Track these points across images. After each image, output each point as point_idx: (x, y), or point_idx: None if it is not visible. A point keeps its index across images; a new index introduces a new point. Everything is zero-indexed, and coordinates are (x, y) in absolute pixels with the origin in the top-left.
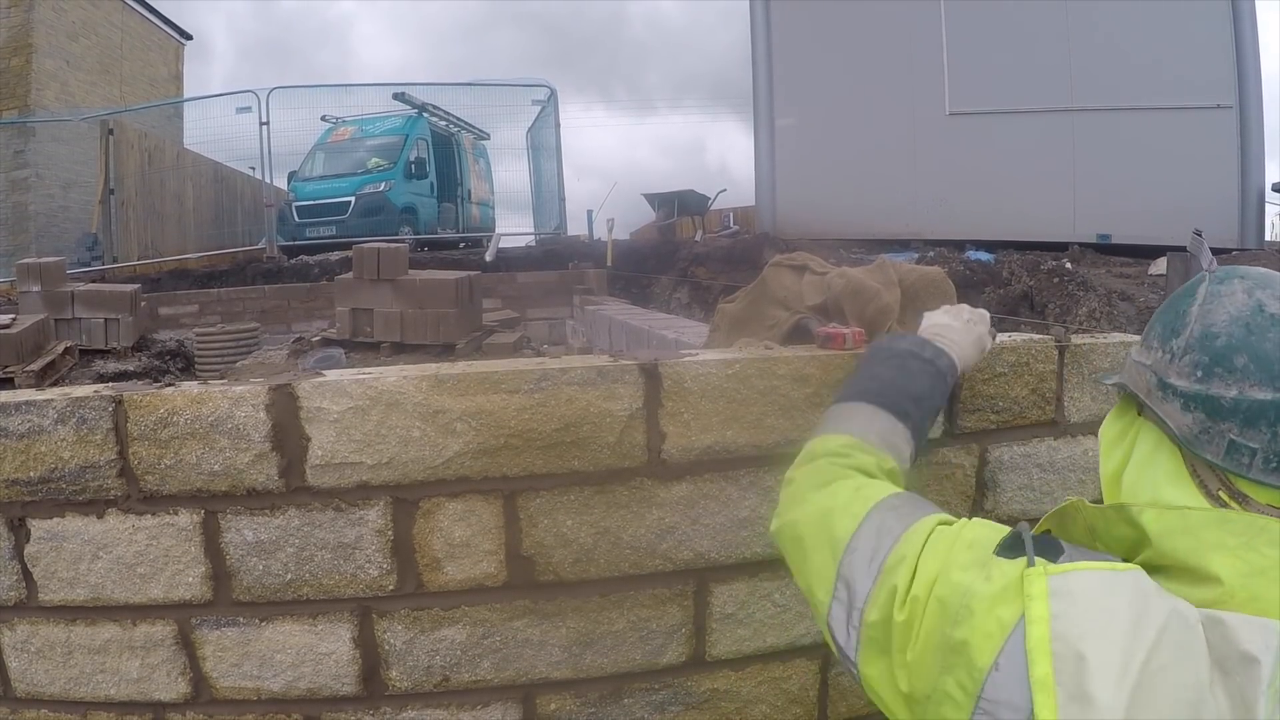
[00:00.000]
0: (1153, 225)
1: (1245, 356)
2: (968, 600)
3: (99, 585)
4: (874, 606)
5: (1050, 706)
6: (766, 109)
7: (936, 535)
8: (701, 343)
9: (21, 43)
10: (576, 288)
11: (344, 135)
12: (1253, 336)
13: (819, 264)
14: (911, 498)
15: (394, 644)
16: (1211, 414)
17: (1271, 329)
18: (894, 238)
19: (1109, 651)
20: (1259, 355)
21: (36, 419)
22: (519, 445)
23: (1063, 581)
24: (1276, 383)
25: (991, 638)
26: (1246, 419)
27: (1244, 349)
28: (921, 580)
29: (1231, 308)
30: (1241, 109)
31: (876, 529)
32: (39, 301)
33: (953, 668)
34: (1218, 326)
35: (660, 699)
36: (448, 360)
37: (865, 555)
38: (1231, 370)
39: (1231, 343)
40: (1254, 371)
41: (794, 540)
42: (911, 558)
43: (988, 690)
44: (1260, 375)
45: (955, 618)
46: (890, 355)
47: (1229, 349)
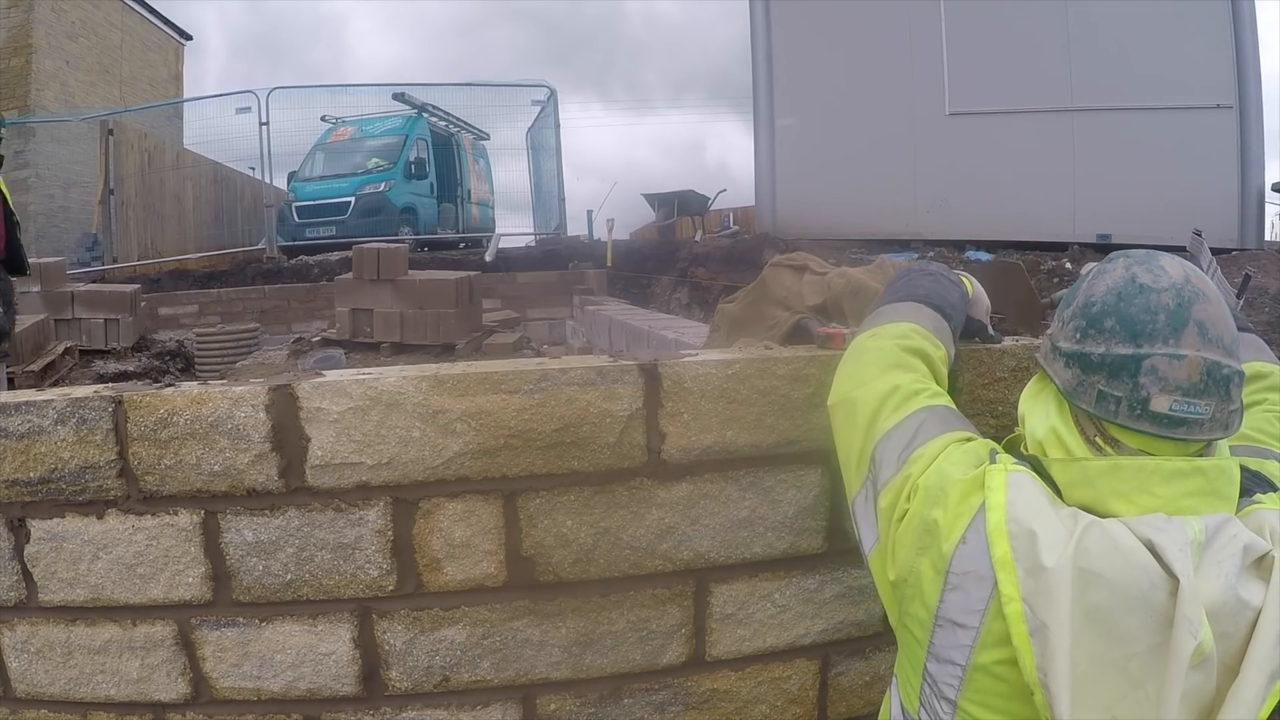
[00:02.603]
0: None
1: (1113, 319)
2: (944, 484)
3: (99, 586)
4: (888, 493)
5: (1012, 583)
6: (766, 109)
7: (954, 445)
8: (701, 343)
9: (21, 43)
10: (576, 288)
11: (344, 135)
12: (1121, 303)
13: (819, 264)
14: (953, 412)
15: (394, 644)
16: (1085, 368)
17: (1138, 296)
18: (894, 238)
19: (1055, 527)
20: (1124, 317)
21: (36, 419)
22: (519, 445)
23: (1018, 477)
24: (1137, 340)
25: (960, 517)
26: (1111, 371)
27: (1114, 313)
28: (928, 474)
29: (1110, 280)
30: (1241, 109)
31: (915, 426)
32: (39, 302)
33: (927, 548)
34: (1096, 296)
35: (660, 699)
36: (448, 361)
37: (899, 445)
38: (1101, 331)
39: (1105, 309)
40: (1119, 331)
41: (848, 415)
42: (930, 456)
43: (955, 564)
44: (1124, 334)
45: (934, 499)
46: (926, 272)
47: (1102, 313)
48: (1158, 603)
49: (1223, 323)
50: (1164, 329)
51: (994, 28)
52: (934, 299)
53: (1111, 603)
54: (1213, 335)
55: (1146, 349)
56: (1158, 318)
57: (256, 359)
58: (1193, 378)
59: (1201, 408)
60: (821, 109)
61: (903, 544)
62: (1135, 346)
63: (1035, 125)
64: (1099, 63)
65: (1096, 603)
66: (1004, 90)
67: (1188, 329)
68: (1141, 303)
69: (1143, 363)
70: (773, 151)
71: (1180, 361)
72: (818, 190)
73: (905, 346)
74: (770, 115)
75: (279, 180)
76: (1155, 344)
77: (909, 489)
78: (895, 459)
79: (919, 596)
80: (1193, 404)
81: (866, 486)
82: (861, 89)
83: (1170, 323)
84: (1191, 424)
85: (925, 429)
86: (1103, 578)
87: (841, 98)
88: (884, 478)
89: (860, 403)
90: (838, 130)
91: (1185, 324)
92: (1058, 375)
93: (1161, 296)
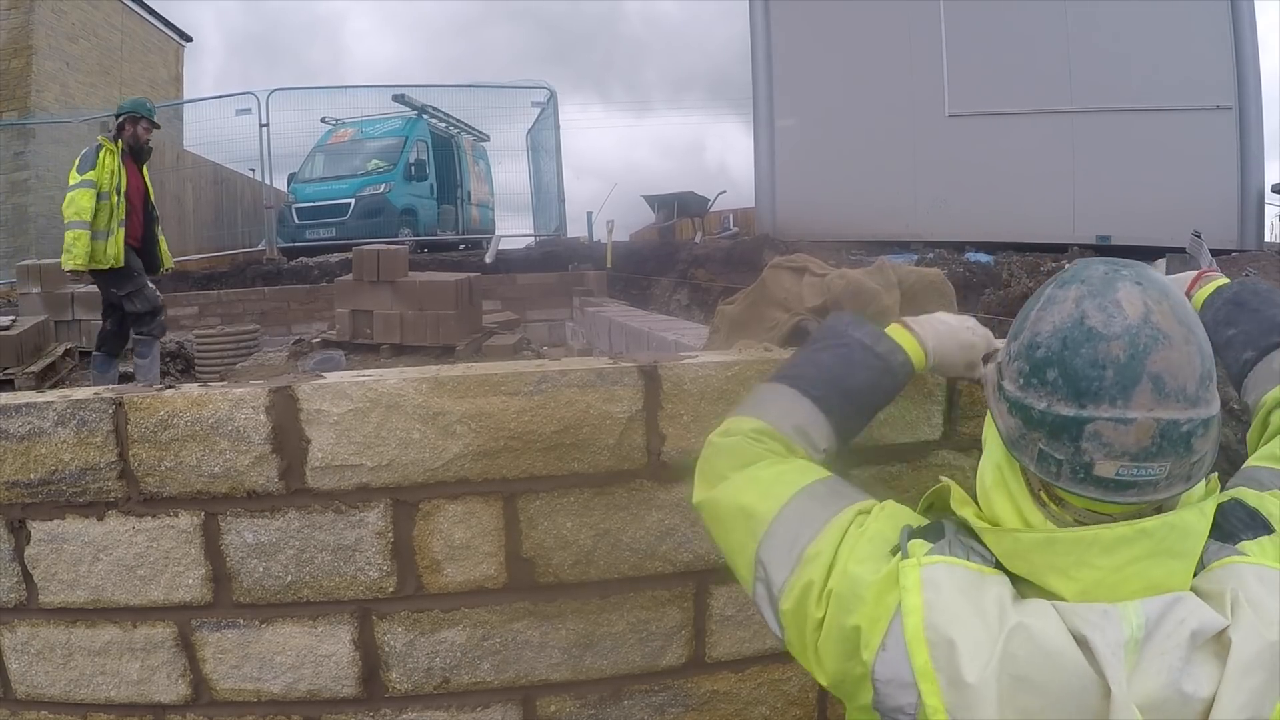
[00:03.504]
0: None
1: (1056, 371)
2: (858, 589)
3: (99, 587)
4: (788, 596)
5: (935, 694)
6: (766, 110)
7: (853, 530)
8: (701, 345)
9: (21, 44)
10: (576, 289)
11: (344, 137)
12: (1066, 351)
13: (819, 266)
14: (832, 485)
15: (394, 646)
16: (1025, 422)
17: (1085, 344)
18: (894, 239)
19: (976, 635)
20: (1068, 370)
21: (37, 421)
22: (519, 447)
23: (933, 572)
24: (1081, 399)
25: (878, 621)
26: (1051, 432)
27: (1057, 363)
28: (836, 575)
29: (1057, 317)
30: (1241, 110)
31: (798, 517)
32: (39, 303)
33: (851, 655)
34: (1041, 336)
35: (660, 700)
36: (448, 362)
37: (785, 542)
38: (1044, 383)
39: (1049, 355)
40: (1062, 386)
41: (714, 517)
42: (828, 551)
43: (878, 671)
44: (1066, 390)
45: (848, 606)
46: (839, 342)
47: (1045, 361)
48: (1090, 706)
49: (1187, 368)
50: (1111, 387)
51: (994, 28)
52: (818, 385)
53: (1042, 707)
54: (1171, 388)
55: (1090, 411)
56: (1105, 374)
57: (256, 360)
58: (1142, 442)
59: (1154, 469)
60: (821, 110)
61: (827, 653)
62: (1079, 407)
63: (1035, 126)
64: (1099, 63)
65: (1026, 707)
66: (1004, 91)
67: (1139, 386)
68: (1088, 354)
69: (1085, 427)
70: (773, 152)
71: (1128, 426)
72: (818, 191)
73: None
74: (770, 116)
75: (279, 182)
76: (1100, 405)
77: (816, 596)
78: (786, 559)
79: (858, 697)
80: (1143, 468)
81: (759, 586)
82: (861, 90)
83: (1119, 380)
84: (1143, 486)
85: (809, 518)
86: (1031, 682)
87: (841, 98)
88: (778, 580)
89: (722, 503)
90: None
91: (1137, 380)
92: (1001, 420)
93: (1111, 347)
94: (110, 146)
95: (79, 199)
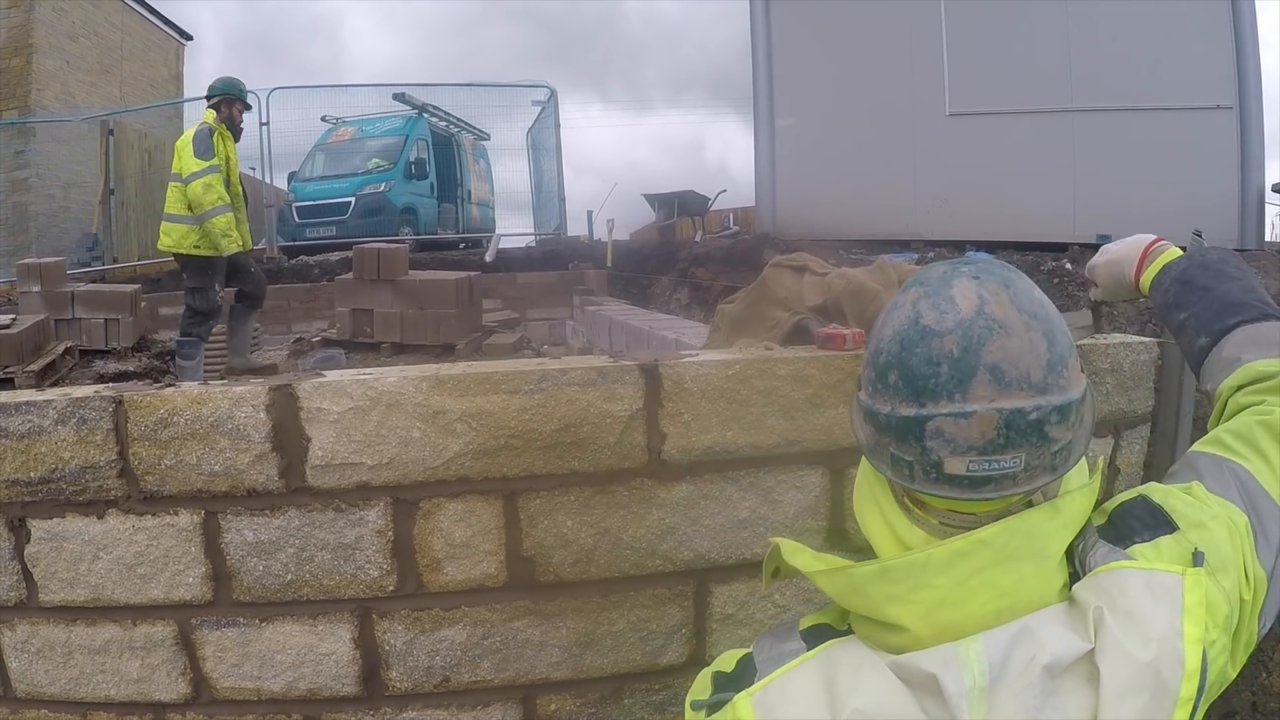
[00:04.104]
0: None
1: (896, 373)
2: None
3: (99, 585)
4: None
5: None
6: (766, 109)
7: None
8: (701, 343)
9: (22, 43)
10: (576, 288)
11: (344, 136)
12: (904, 352)
13: (819, 265)
14: None
15: (394, 644)
16: (876, 428)
17: (920, 344)
18: (894, 238)
19: None
20: (906, 371)
21: (37, 419)
22: (519, 446)
23: (762, 695)
24: (920, 398)
25: None
26: (898, 434)
27: (896, 365)
28: None
29: (896, 321)
30: (1241, 109)
31: None
32: (39, 302)
33: None
34: (883, 342)
35: (660, 699)
36: (448, 361)
37: None
38: (888, 387)
39: (890, 359)
40: (902, 388)
41: None
42: None
43: None
44: (907, 391)
45: None
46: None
47: (887, 366)
48: None
49: (1029, 355)
50: (947, 383)
51: (994, 28)
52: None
53: None
54: (1012, 376)
55: (930, 408)
56: (939, 370)
57: (257, 359)
58: (987, 434)
59: (1007, 462)
60: (821, 109)
61: None
62: (919, 406)
63: (1035, 125)
64: (1099, 63)
65: None
66: (1004, 90)
67: (976, 378)
68: (923, 352)
69: (926, 425)
70: (773, 151)
71: (968, 420)
72: (818, 190)
73: None
74: (770, 115)
75: (279, 180)
76: (939, 402)
77: None
78: None
79: None
80: (994, 460)
81: None
82: (861, 89)
83: (954, 374)
84: (1000, 480)
85: None
86: None
87: (841, 98)
88: None
89: None
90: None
91: (973, 372)
92: (858, 430)
93: (944, 342)
94: (221, 130)
95: (217, 184)
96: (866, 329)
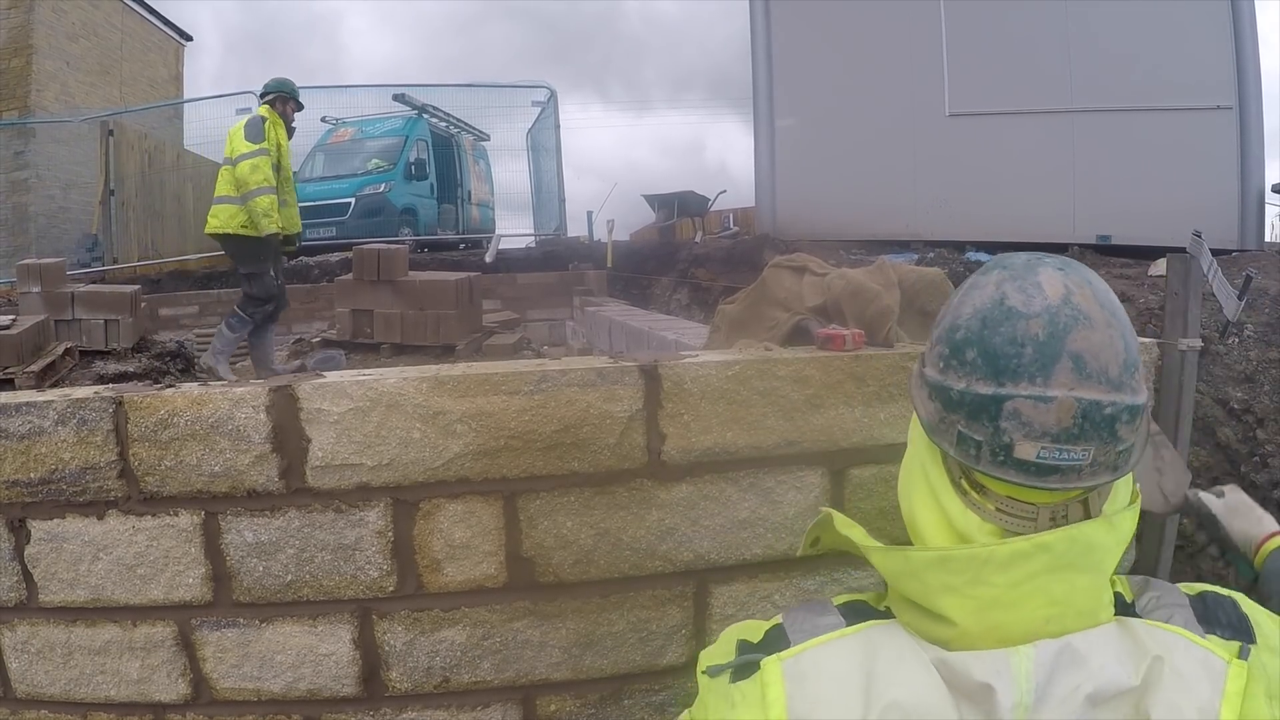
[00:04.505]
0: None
1: (975, 350)
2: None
3: (99, 586)
4: None
5: None
6: (766, 109)
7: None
8: (701, 344)
9: (21, 44)
10: (576, 289)
11: (344, 136)
12: (986, 330)
13: (819, 265)
14: None
15: (394, 645)
16: (945, 405)
17: (1004, 323)
18: (894, 239)
19: (842, 716)
20: (987, 349)
21: (37, 420)
22: (519, 447)
23: (795, 664)
24: (999, 377)
25: None
26: (971, 412)
27: (976, 343)
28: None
29: (978, 300)
30: (1241, 110)
31: None
32: (39, 302)
33: None
34: (962, 319)
35: (660, 700)
36: (448, 362)
37: None
38: (964, 363)
39: (968, 336)
40: (981, 365)
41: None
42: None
43: None
44: (985, 369)
45: None
46: None
47: (965, 342)
48: None
49: (1108, 350)
50: (1030, 365)
51: (994, 28)
52: None
53: None
54: (1093, 368)
55: (1009, 389)
56: (1023, 351)
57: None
58: (1063, 422)
59: (1077, 453)
60: (821, 109)
61: None
62: (997, 385)
63: (1035, 125)
64: (1099, 63)
65: None
66: (1004, 90)
67: (1059, 364)
68: (1007, 332)
69: (1004, 405)
70: (773, 151)
71: (1048, 404)
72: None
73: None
74: (770, 115)
75: None
76: (1019, 383)
77: None
78: None
79: None
80: (1065, 450)
81: None
82: (861, 89)
83: (1038, 357)
84: (1066, 471)
85: None
86: None
87: (841, 98)
88: None
89: None
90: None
91: (1056, 358)
92: (921, 406)
93: (1030, 324)
94: (274, 118)
95: (264, 166)
96: (866, 329)
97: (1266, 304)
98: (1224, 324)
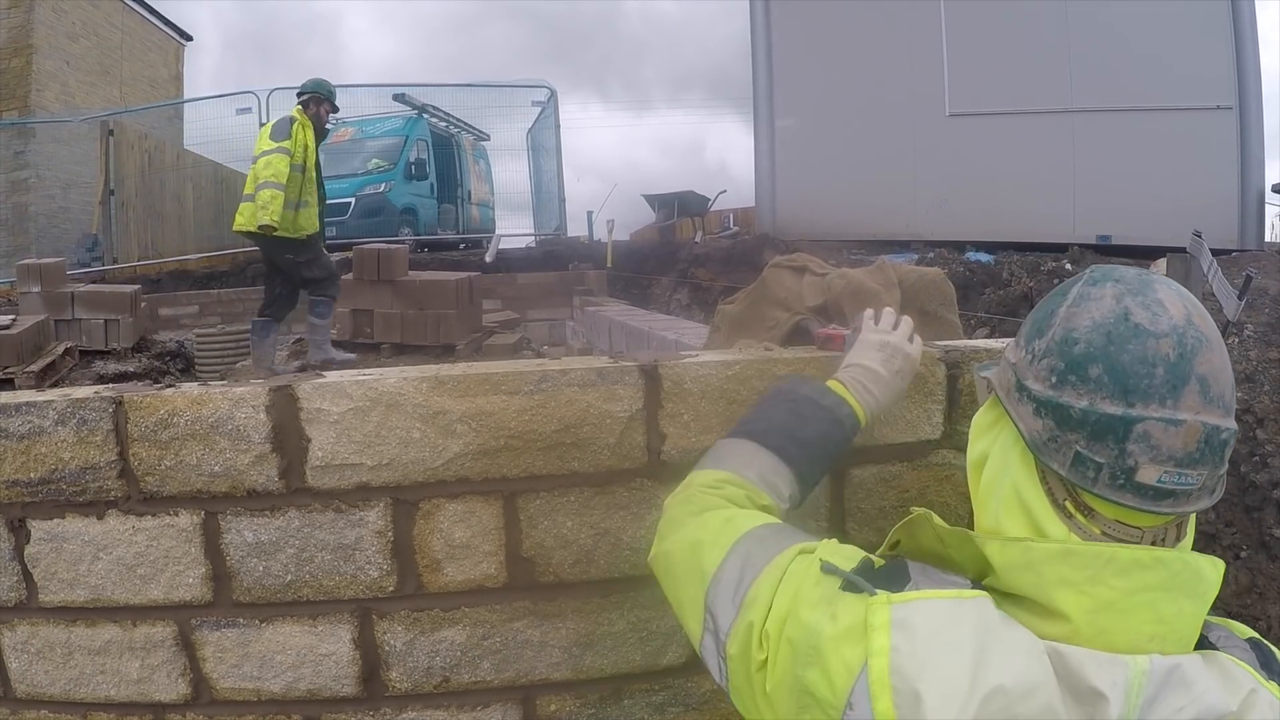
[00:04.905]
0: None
1: (1100, 367)
2: (815, 641)
3: (99, 586)
4: (734, 640)
5: None
6: (766, 109)
7: (793, 569)
8: (701, 344)
9: (21, 43)
10: (576, 289)
11: (344, 136)
12: (1111, 346)
13: (819, 265)
14: (778, 529)
15: (394, 645)
16: (1060, 423)
17: (1132, 340)
18: (894, 239)
19: (947, 689)
20: (1114, 367)
21: (37, 420)
22: (519, 446)
23: (906, 612)
24: (1129, 398)
25: (841, 679)
26: (1094, 432)
27: (1101, 359)
28: (775, 617)
29: (1097, 313)
30: (1241, 110)
31: (741, 560)
32: (39, 302)
33: (808, 707)
34: (1079, 332)
35: (660, 700)
36: (448, 361)
37: (730, 587)
38: (1085, 380)
39: (1090, 351)
40: (1107, 384)
41: (666, 570)
42: (768, 593)
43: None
44: (1113, 388)
45: (805, 659)
46: (787, 398)
47: (1086, 357)
48: None
49: (1224, 375)
50: (1162, 386)
51: (994, 28)
52: (773, 436)
53: None
54: (1214, 393)
55: (1140, 410)
56: (1155, 371)
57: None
58: (1189, 446)
59: (1194, 477)
60: (822, 109)
61: (780, 701)
62: (1127, 406)
63: (1035, 125)
64: (1099, 63)
65: None
66: (1004, 90)
67: (1188, 387)
68: (1137, 350)
69: (1134, 427)
70: (773, 151)
71: (1178, 428)
72: (818, 191)
73: (714, 495)
74: (770, 115)
75: None
76: (1150, 404)
77: (757, 638)
78: (730, 604)
79: None
80: (1184, 474)
81: (708, 638)
82: (862, 89)
83: (1170, 379)
84: (1179, 495)
85: (751, 561)
86: None
87: (842, 98)
88: (724, 626)
89: (674, 553)
90: (838, 131)
91: (1186, 380)
92: (1024, 422)
93: (1161, 344)
94: (304, 120)
95: (276, 162)
96: None
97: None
98: (1224, 324)
